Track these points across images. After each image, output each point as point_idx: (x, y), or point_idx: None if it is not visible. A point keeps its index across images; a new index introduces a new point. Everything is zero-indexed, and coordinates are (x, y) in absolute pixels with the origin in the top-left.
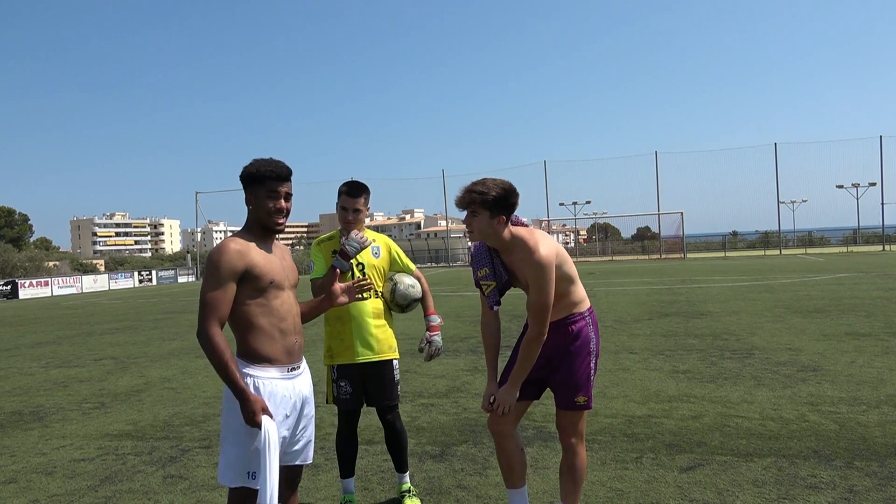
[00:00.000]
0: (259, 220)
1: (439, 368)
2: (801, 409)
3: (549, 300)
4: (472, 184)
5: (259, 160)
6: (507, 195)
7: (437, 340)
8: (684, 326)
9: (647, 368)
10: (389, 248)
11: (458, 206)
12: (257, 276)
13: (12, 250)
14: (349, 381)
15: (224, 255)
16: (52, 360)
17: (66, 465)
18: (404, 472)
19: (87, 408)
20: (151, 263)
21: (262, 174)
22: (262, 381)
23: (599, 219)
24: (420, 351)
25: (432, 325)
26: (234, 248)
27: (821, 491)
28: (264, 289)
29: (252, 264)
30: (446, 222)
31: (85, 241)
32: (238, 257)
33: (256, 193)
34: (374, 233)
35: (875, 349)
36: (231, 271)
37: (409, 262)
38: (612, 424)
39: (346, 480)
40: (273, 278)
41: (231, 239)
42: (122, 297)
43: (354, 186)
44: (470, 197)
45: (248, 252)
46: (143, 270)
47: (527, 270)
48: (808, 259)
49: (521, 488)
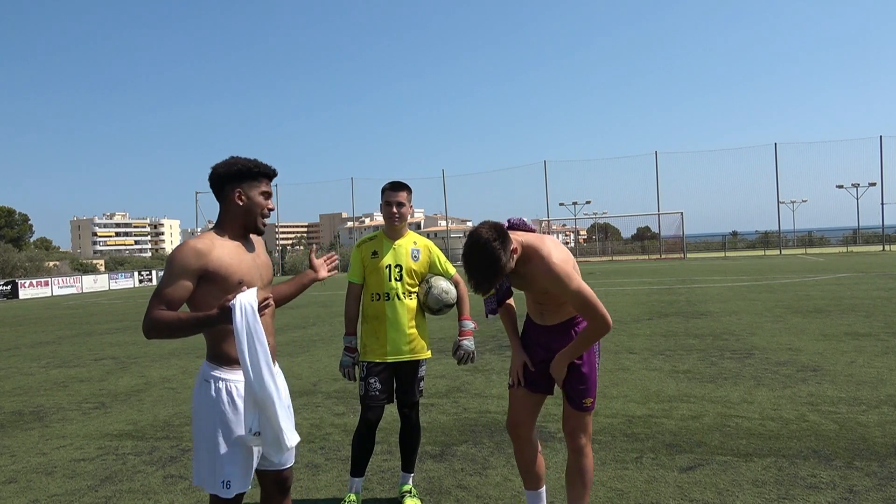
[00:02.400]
0: (246, 220)
1: (439, 368)
2: (801, 409)
3: (586, 292)
4: (475, 262)
5: (241, 158)
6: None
7: (468, 345)
8: (684, 326)
9: (646, 368)
10: (429, 251)
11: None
12: (224, 276)
13: (12, 250)
14: (379, 378)
15: (179, 254)
16: (52, 360)
17: (66, 465)
18: (410, 472)
19: (87, 408)
20: (151, 263)
21: (258, 171)
22: (234, 384)
23: (599, 219)
24: (453, 355)
25: (464, 330)
26: (194, 247)
27: (821, 491)
28: (232, 288)
29: (217, 264)
30: (446, 222)
31: (85, 241)
32: (195, 257)
33: (250, 191)
34: (416, 235)
35: (875, 349)
36: (184, 269)
37: (449, 266)
38: (612, 424)
39: (356, 480)
40: (241, 278)
41: (197, 238)
42: (123, 297)
43: (397, 182)
44: (493, 283)
45: (211, 252)
46: (144, 270)
47: (546, 281)
48: (808, 259)
49: (539, 490)
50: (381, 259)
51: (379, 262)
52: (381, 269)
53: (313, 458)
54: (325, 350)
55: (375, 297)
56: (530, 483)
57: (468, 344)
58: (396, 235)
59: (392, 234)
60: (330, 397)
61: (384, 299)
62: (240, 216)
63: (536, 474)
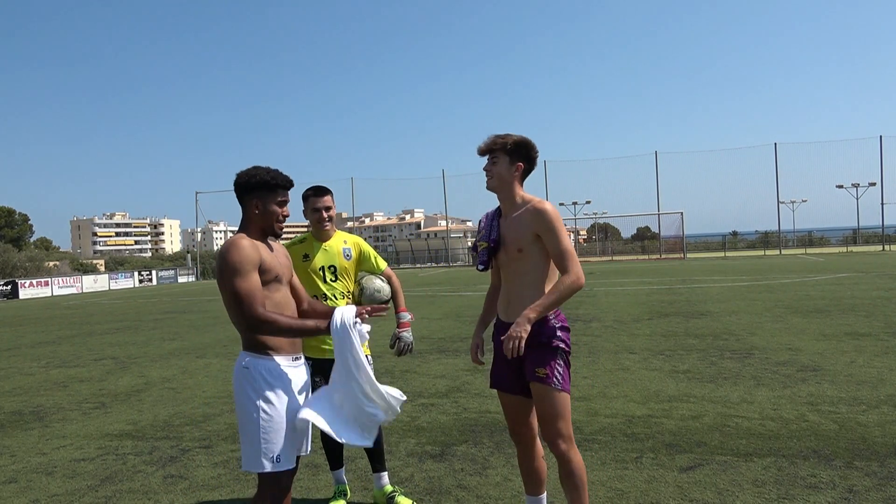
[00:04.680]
0: (264, 225)
1: (439, 368)
2: (801, 409)
3: (569, 245)
4: (495, 134)
5: (263, 168)
6: (527, 143)
7: (407, 336)
8: (684, 326)
9: (646, 368)
10: (360, 248)
11: (480, 151)
12: (265, 270)
13: (12, 250)
14: (323, 376)
15: (243, 250)
16: (52, 360)
17: (66, 465)
18: (383, 470)
19: (87, 408)
20: (151, 263)
21: (276, 183)
22: (270, 368)
23: (599, 219)
24: (391, 347)
25: (402, 321)
26: (248, 243)
27: (821, 491)
28: (269, 282)
29: (262, 258)
30: (446, 222)
31: (85, 241)
32: (254, 250)
33: (265, 201)
34: (344, 233)
35: (875, 349)
36: (252, 262)
37: (381, 262)
38: (612, 424)
39: (336, 472)
40: (277, 273)
41: (240, 236)
42: (123, 297)
43: (320, 188)
44: (492, 141)
45: (258, 247)
46: (144, 270)
47: (536, 222)
48: (808, 259)
49: (540, 496)
50: (313, 261)
51: (311, 264)
52: (315, 271)
53: (313, 458)
54: None
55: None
56: (531, 488)
57: (407, 335)
58: (326, 237)
59: (321, 236)
60: None
61: (321, 301)
62: (258, 222)
63: (537, 479)
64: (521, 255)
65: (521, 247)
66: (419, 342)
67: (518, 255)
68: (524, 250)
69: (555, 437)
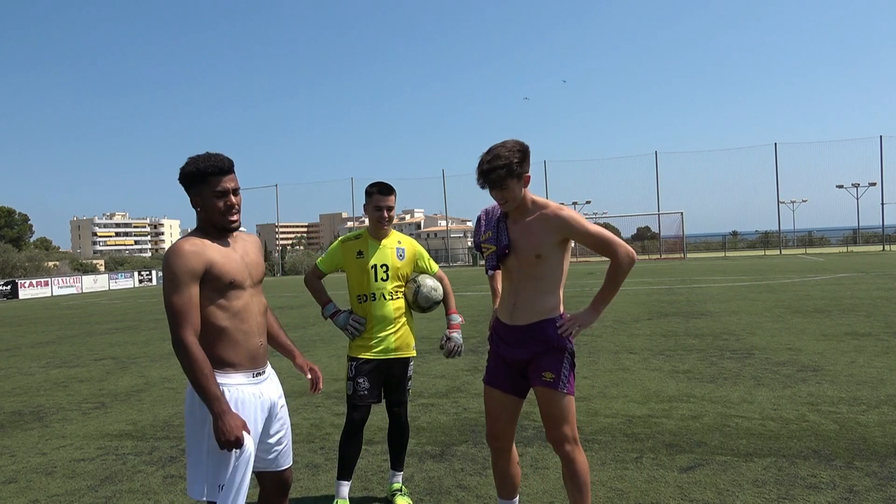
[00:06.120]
0: (212, 221)
1: (439, 368)
2: (801, 409)
3: (602, 230)
4: (490, 159)
5: (195, 157)
6: (524, 153)
7: (457, 338)
8: (684, 326)
9: (646, 368)
10: (414, 249)
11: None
12: (216, 276)
13: (12, 250)
14: (367, 377)
15: (181, 258)
16: (52, 360)
17: (66, 465)
18: (400, 470)
19: (87, 408)
20: (151, 263)
21: (202, 171)
22: (226, 387)
23: (599, 219)
24: (440, 348)
25: (453, 323)
26: (189, 248)
27: (821, 491)
28: (223, 289)
29: (210, 263)
30: (446, 222)
31: (85, 241)
32: (195, 258)
33: (202, 194)
34: (399, 234)
35: (875, 349)
36: (191, 273)
37: (433, 264)
38: (612, 424)
39: (342, 484)
40: (233, 278)
41: (185, 239)
42: (122, 297)
43: (385, 186)
44: (498, 176)
45: (205, 251)
46: (143, 270)
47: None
48: (808, 259)
49: (512, 500)
50: (368, 259)
51: (365, 262)
52: (368, 269)
53: (313, 458)
54: (325, 350)
55: (362, 298)
56: (505, 492)
57: (457, 336)
58: (382, 235)
59: (378, 234)
60: (330, 397)
61: (370, 300)
62: (204, 218)
63: (512, 484)
64: (539, 261)
65: (539, 252)
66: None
67: (535, 260)
68: (543, 256)
69: (560, 440)
